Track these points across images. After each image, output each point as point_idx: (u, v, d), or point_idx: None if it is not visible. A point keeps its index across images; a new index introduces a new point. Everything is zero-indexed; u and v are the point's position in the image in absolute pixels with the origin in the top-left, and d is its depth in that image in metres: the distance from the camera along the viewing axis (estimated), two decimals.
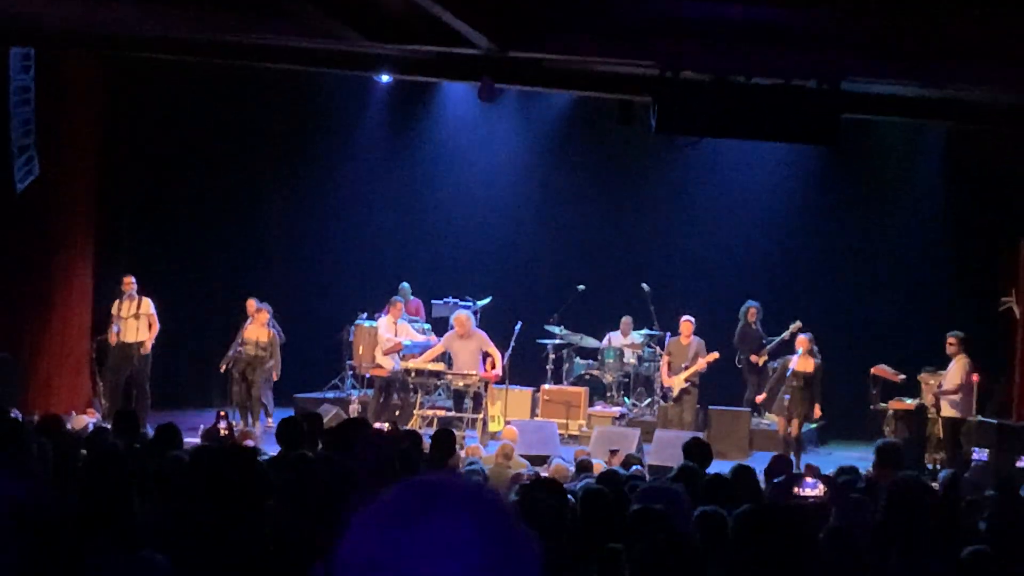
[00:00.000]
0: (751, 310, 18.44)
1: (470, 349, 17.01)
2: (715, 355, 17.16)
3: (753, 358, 18.28)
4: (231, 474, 5.53)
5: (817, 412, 16.22)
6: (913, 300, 18.91)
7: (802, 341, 16.30)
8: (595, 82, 15.35)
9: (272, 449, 9.97)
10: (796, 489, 7.61)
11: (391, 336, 17.57)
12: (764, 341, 18.33)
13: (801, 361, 16.18)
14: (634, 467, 11.56)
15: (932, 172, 19.38)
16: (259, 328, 17.12)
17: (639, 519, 5.63)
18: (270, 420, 17.13)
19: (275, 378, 17.25)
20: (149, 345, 16.98)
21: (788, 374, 16.33)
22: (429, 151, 20.47)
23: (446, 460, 9.09)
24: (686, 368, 17.09)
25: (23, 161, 15.86)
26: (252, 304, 17.33)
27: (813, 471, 11.08)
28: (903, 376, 16.89)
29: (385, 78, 17.50)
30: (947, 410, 15.73)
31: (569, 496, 6.78)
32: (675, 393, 17.15)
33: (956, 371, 15.64)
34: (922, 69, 12.63)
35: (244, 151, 19.18)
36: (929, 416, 16.34)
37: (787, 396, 16.30)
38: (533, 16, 13.00)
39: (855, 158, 18.87)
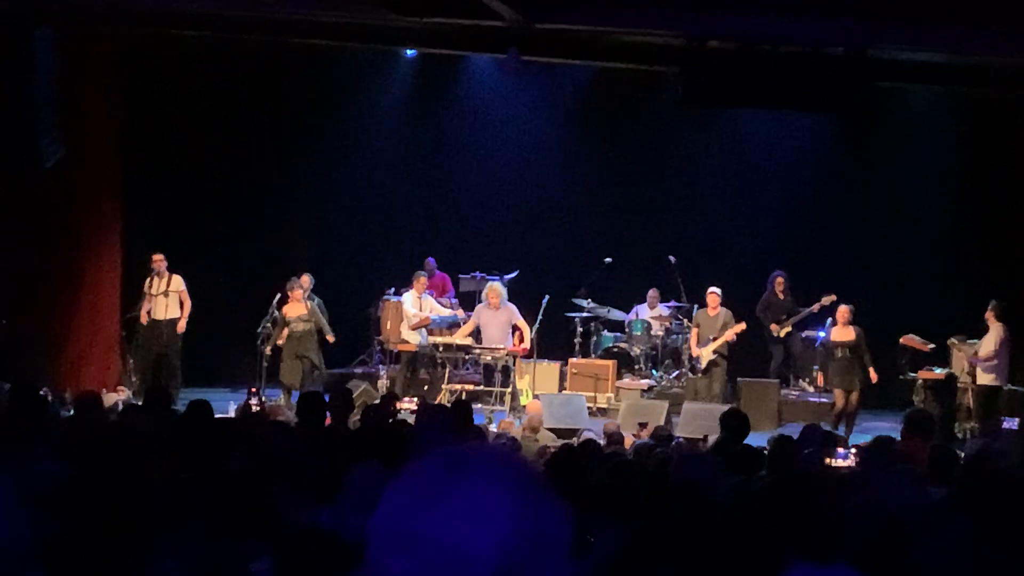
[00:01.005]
0: (778, 280, 18.39)
1: (500, 321, 16.98)
2: (742, 326, 17.09)
3: (773, 327, 18.20)
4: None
5: (873, 376, 16.17)
6: (942, 269, 18.81)
7: (843, 312, 16.24)
8: (621, 53, 15.30)
9: None
10: (828, 460, 7.59)
11: (417, 311, 17.58)
12: (790, 312, 18.26)
13: (841, 331, 16.15)
14: (678, 439, 11.53)
15: (960, 138, 19.22)
16: (296, 304, 17.16)
17: (669, 490, 5.62)
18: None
19: (331, 340, 17.27)
20: (183, 324, 17.05)
21: (817, 345, 16.31)
22: (454, 125, 20.41)
23: (465, 430, 9.07)
24: (714, 339, 17.04)
25: (50, 139, 15.93)
26: (306, 279, 17.37)
27: (841, 443, 11.06)
28: (932, 345, 16.83)
29: (410, 51, 17.46)
30: (982, 378, 15.69)
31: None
32: (703, 364, 17.11)
33: (991, 338, 15.60)
34: (951, 34, 12.52)
35: (269, 124, 19.18)
36: (959, 385, 16.30)
37: (822, 368, 16.32)
38: None
39: (882, 125, 18.74)
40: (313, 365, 17.14)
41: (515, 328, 17.04)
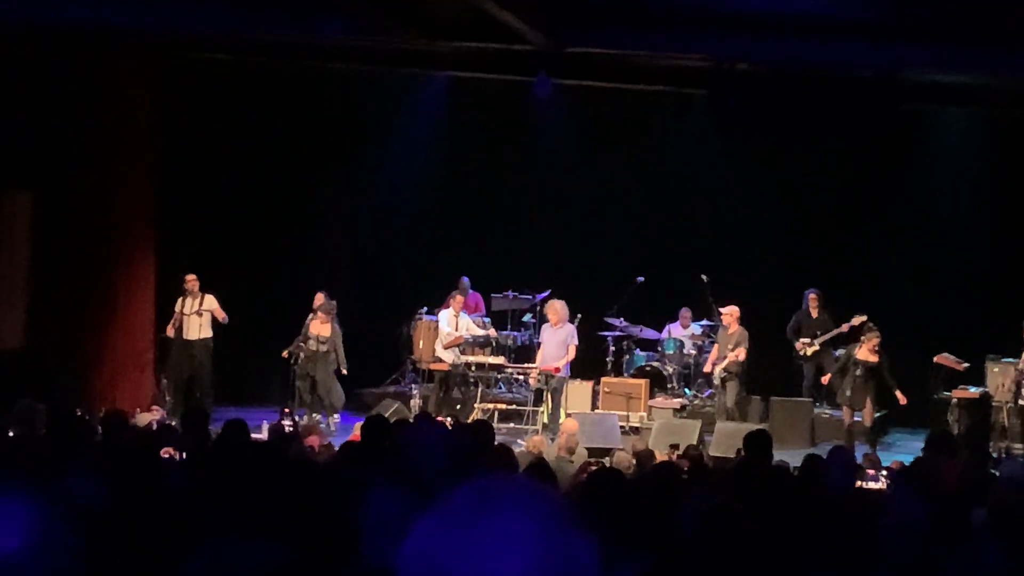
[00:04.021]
0: (812, 297, 18.31)
1: (557, 340, 16.87)
2: (741, 353, 16.99)
3: (799, 345, 18.11)
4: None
5: (902, 399, 16.10)
6: (976, 287, 18.72)
7: (872, 337, 16.17)
8: (651, 76, 15.35)
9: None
10: (859, 483, 7.56)
11: (451, 330, 17.62)
12: (824, 329, 18.15)
13: (866, 353, 16.10)
14: None
15: (993, 157, 19.12)
16: (321, 323, 17.27)
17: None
18: (336, 417, 17.25)
19: (343, 371, 17.39)
20: (221, 314, 17.06)
21: (851, 363, 16.26)
22: (486, 146, 20.41)
23: (487, 452, 8.97)
24: (725, 358, 17.06)
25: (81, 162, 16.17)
26: (320, 297, 17.49)
27: (873, 463, 11.02)
28: (966, 364, 16.75)
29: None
30: None
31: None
32: (716, 381, 17.16)
33: None
34: (981, 57, 12.51)
35: (302, 146, 19.27)
36: (994, 404, 16.24)
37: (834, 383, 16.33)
38: (588, 11, 13.03)
39: (914, 145, 18.68)
40: (314, 384, 17.18)
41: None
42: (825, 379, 17.22)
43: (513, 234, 20.32)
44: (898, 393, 16.03)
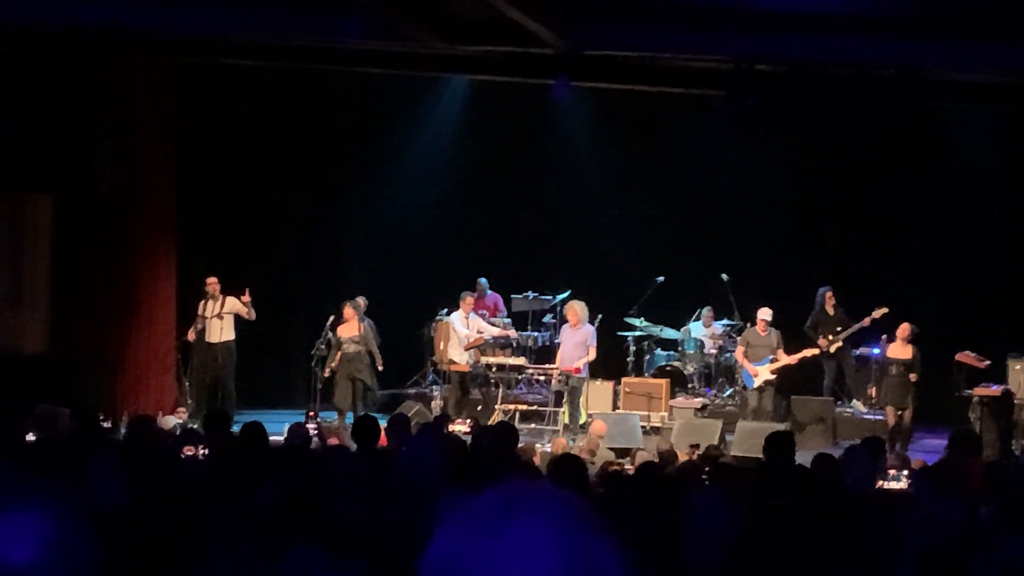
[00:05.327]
0: (828, 295, 18.28)
1: (575, 341, 16.84)
2: (815, 351, 17.09)
3: (822, 342, 18.05)
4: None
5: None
6: (997, 285, 18.66)
7: (904, 328, 16.20)
8: (670, 78, 15.33)
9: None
10: (880, 482, 7.53)
11: (467, 331, 17.62)
12: (843, 326, 18.13)
13: (899, 348, 16.09)
14: None
15: (1015, 153, 19.07)
16: (349, 324, 17.27)
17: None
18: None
19: (379, 367, 17.40)
20: (248, 312, 17.07)
21: (872, 358, 16.25)
22: (506, 147, 20.44)
23: (509, 454, 8.96)
24: (773, 360, 16.94)
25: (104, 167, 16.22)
26: (361, 301, 17.52)
27: (901, 461, 10.98)
28: (988, 362, 16.69)
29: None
30: None
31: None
32: (758, 383, 17.02)
33: None
34: (1001, 55, 12.47)
35: (321, 149, 19.31)
36: (1016, 402, 16.19)
37: (876, 384, 16.31)
38: (607, 14, 13.03)
39: (934, 142, 18.61)
40: (366, 387, 17.21)
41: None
42: (872, 390, 17.11)
43: (533, 235, 20.34)
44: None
